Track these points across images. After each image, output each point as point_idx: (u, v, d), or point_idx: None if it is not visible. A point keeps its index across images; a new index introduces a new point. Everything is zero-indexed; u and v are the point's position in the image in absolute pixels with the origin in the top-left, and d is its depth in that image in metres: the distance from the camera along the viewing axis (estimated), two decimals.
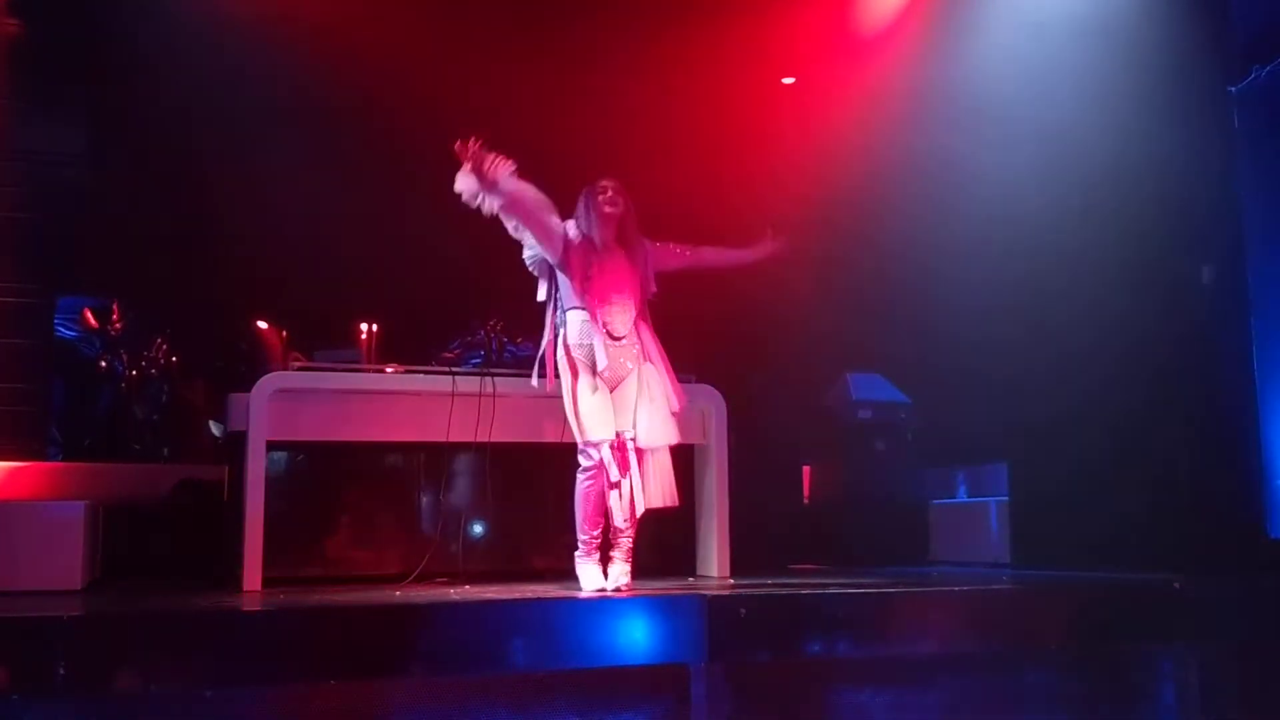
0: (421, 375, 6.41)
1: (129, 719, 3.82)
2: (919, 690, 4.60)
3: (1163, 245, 6.55)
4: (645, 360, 5.39)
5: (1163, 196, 6.54)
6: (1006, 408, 7.59)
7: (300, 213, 8.74)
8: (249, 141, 8.69)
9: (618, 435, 5.30)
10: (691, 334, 8.95)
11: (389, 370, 6.48)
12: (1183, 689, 5.01)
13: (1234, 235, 6.60)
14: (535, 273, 5.56)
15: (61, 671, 3.75)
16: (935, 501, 8.38)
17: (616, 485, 5.23)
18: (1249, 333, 6.60)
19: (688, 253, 5.74)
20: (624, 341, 5.38)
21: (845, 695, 4.50)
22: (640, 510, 5.30)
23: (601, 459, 5.24)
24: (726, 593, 4.88)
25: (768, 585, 5.50)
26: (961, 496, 8.50)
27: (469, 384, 6.25)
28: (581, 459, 5.34)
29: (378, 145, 9.04)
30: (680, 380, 6.61)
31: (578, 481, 5.36)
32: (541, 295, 5.54)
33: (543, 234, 5.33)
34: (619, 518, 5.25)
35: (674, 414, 5.38)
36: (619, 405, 5.33)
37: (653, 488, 5.25)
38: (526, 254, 5.53)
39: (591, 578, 5.36)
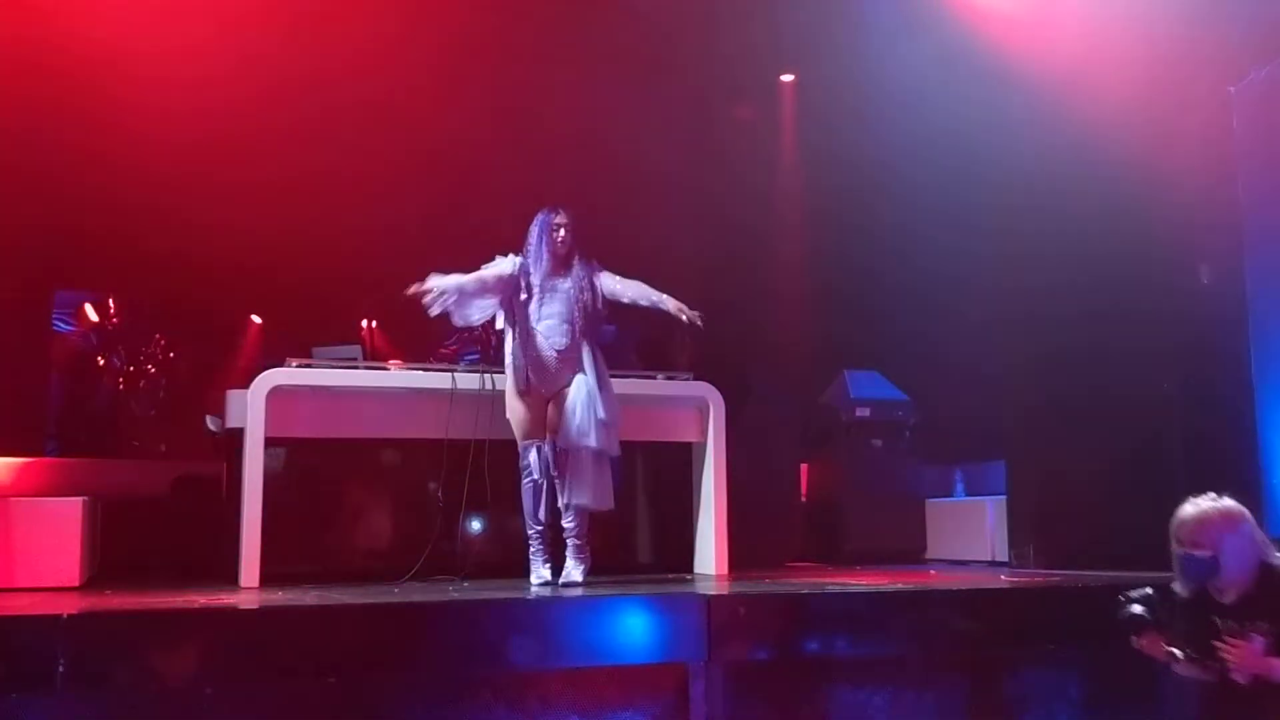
0: (420, 372, 6.41)
1: (129, 717, 3.81)
2: (917, 690, 4.60)
3: (1161, 244, 6.55)
4: (581, 373, 5.75)
5: (1162, 196, 6.55)
6: (1004, 406, 7.59)
7: (303, 210, 8.75)
8: (252, 140, 8.68)
9: (549, 439, 5.74)
10: (690, 332, 9.00)
11: (390, 365, 6.46)
12: (1181, 689, 5.00)
13: (1232, 235, 6.60)
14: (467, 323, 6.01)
15: (61, 669, 3.75)
16: (932, 499, 8.38)
17: (540, 484, 5.74)
18: (1247, 331, 6.60)
19: (617, 291, 5.94)
20: (562, 356, 5.75)
21: (844, 694, 4.51)
22: (563, 506, 5.70)
23: (531, 460, 5.75)
24: (726, 592, 4.89)
25: (766, 584, 5.50)
26: (959, 494, 8.51)
27: (468, 381, 6.25)
28: (521, 460, 5.80)
29: (378, 141, 9.05)
30: (677, 378, 6.70)
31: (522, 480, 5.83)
32: (500, 323, 5.94)
33: (491, 298, 5.82)
34: (541, 512, 5.76)
35: (610, 424, 5.72)
36: (553, 413, 5.76)
37: (580, 488, 5.66)
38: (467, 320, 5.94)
39: (536, 572, 5.77)
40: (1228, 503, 3.75)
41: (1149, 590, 3.84)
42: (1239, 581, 3.69)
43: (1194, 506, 3.76)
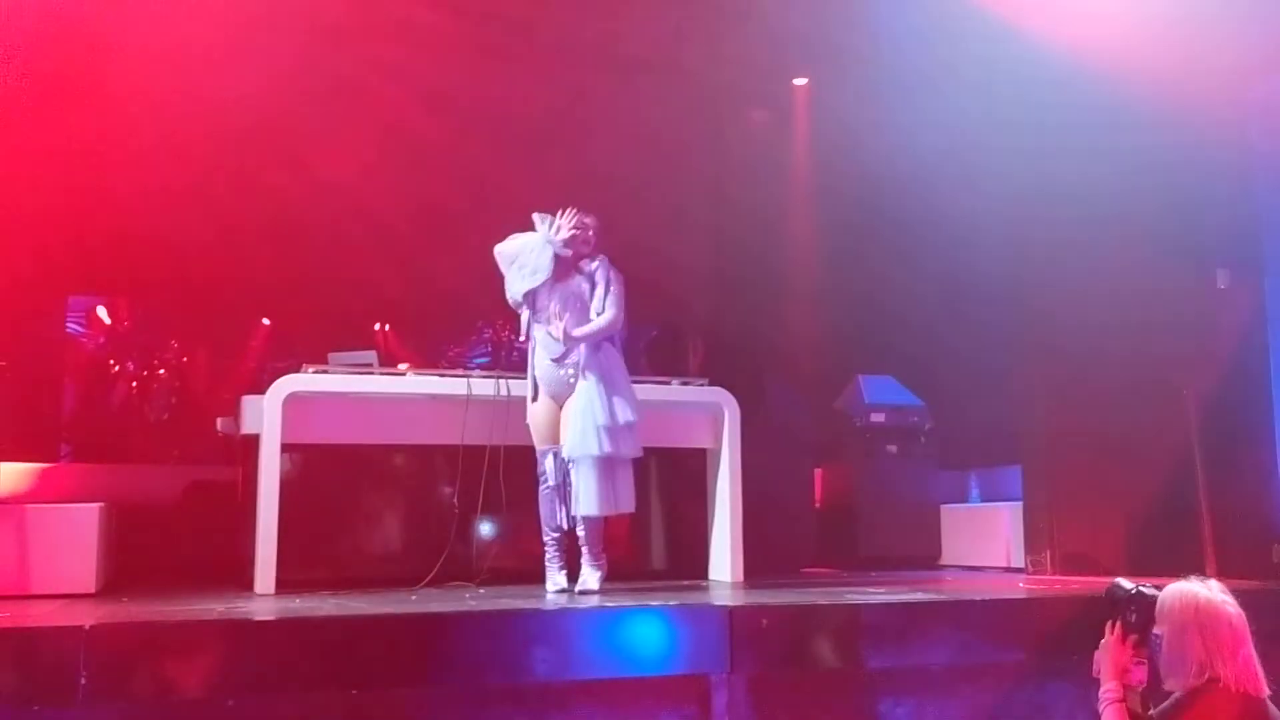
0: (434, 378, 6.40)
1: None
2: (940, 701, 4.58)
3: (1179, 250, 6.54)
4: (585, 378, 5.68)
5: (1179, 202, 6.54)
6: (1020, 411, 7.57)
7: (315, 212, 8.74)
8: (264, 143, 8.67)
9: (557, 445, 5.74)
10: (704, 338, 8.97)
11: (403, 369, 6.44)
12: None
13: (1250, 240, 6.59)
14: (518, 310, 5.90)
15: (83, 681, 3.74)
16: (947, 505, 8.35)
17: (557, 490, 5.76)
18: (1265, 336, 6.58)
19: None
20: (563, 362, 5.73)
21: (868, 706, 4.48)
22: (573, 515, 5.69)
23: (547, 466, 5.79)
24: (746, 602, 4.86)
25: (785, 592, 5.47)
26: (974, 500, 8.48)
27: (483, 386, 6.23)
28: (537, 466, 5.85)
29: (389, 145, 9.04)
30: (691, 384, 6.67)
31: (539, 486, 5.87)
32: (523, 333, 5.93)
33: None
34: (558, 518, 5.76)
35: (613, 427, 5.63)
36: (562, 419, 5.73)
37: (582, 496, 5.62)
38: (510, 296, 5.84)
39: (552, 579, 5.78)
40: (1203, 594, 3.46)
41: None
42: (1171, 678, 3.43)
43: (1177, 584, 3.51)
